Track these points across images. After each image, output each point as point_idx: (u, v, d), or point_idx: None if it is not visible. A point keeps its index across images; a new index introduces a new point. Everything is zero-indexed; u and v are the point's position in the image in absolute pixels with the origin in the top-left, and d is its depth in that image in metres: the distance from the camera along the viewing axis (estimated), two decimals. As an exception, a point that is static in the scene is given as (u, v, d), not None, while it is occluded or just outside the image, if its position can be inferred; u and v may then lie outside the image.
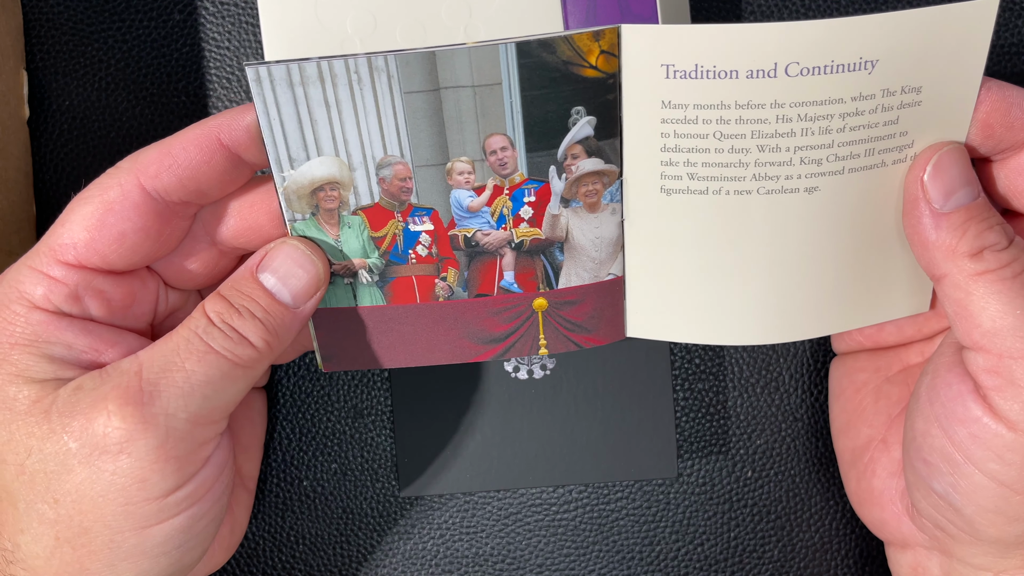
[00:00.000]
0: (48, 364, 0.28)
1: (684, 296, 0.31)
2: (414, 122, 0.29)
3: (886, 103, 0.28)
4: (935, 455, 0.29)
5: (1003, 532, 0.28)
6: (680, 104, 0.28)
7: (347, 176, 0.29)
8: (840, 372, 0.36)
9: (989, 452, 0.27)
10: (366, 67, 0.28)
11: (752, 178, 0.29)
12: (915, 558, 0.32)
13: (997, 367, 0.27)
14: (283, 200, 0.29)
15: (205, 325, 0.28)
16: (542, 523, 0.38)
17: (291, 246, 0.30)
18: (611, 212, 0.31)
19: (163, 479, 0.27)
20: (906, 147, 0.29)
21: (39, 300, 0.28)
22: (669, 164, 0.29)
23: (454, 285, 0.31)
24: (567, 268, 0.31)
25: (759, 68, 0.27)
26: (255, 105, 0.28)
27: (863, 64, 0.27)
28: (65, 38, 0.38)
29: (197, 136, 0.28)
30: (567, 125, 0.29)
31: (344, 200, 0.30)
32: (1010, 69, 0.38)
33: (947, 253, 0.28)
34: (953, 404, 0.28)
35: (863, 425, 0.34)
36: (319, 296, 0.30)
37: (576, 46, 0.28)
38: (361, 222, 0.30)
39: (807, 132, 0.28)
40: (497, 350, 0.32)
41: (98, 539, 0.27)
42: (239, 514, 0.35)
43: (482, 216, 0.30)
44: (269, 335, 0.29)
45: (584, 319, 0.32)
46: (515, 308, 0.32)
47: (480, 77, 0.28)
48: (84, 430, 0.27)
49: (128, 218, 0.28)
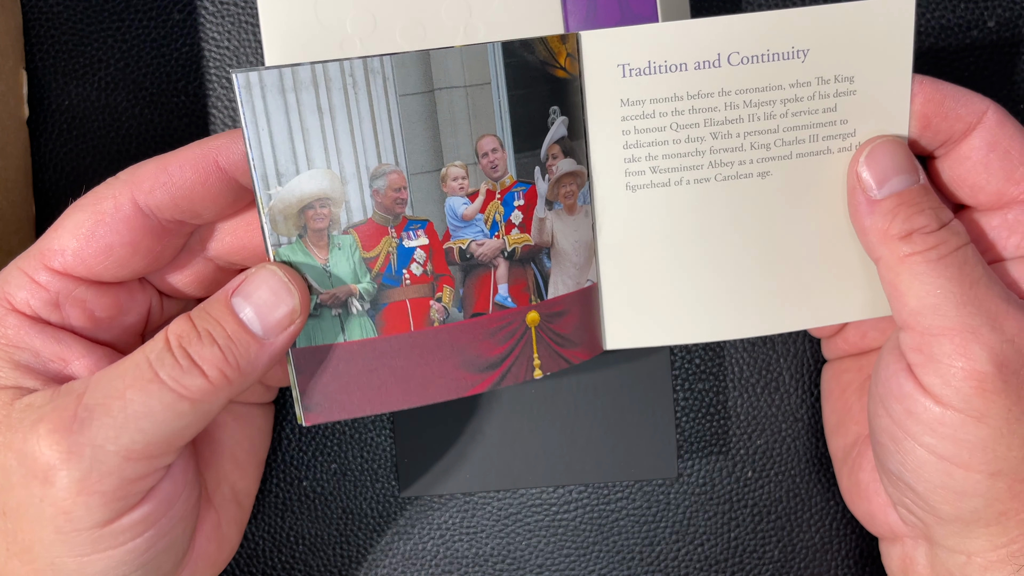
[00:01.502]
0: (12, 370, 0.27)
1: (657, 297, 0.32)
2: (409, 126, 0.28)
3: (822, 91, 0.30)
4: (884, 435, 0.30)
5: (957, 508, 0.29)
6: (637, 100, 0.30)
7: (339, 191, 0.28)
8: (829, 375, 0.37)
9: (923, 426, 0.28)
10: (362, 70, 0.27)
11: (709, 165, 0.30)
12: (903, 550, 0.33)
13: (920, 344, 0.28)
14: (267, 222, 0.28)
15: (160, 350, 0.26)
16: (542, 523, 0.38)
17: (269, 271, 0.28)
18: (585, 214, 0.31)
19: (88, 513, 0.26)
20: (849, 135, 0.31)
21: (19, 303, 0.28)
22: (632, 160, 0.30)
23: (449, 305, 0.30)
24: (554, 275, 0.31)
25: (705, 59, 0.30)
26: (243, 115, 0.27)
27: (795, 53, 0.30)
28: (65, 38, 0.38)
29: (195, 156, 0.28)
30: (547, 125, 0.29)
31: (335, 218, 0.28)
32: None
33: (880, 236, 0.29)
34: (890, 382, 0.29)
35: (851, 423, 0.35)
36: (293, 331, 0.28)
37: (550, 47, 0.29)
38: (352, 242, 0.29)
39: (753, 118, 0.30)
40: (493, 378, 0.31)
41: (40, 559, 0.26)
42: (229, 531, 0.33)
43: (476, 224, 0.30)
44: (227, 366, 0.27)
45: (570, 331, 0.32)
46: (509, 326, 0.31)
47: (471, 77, 0.28)
48: (21, 450, 0.26)
49: (117, 231, 0.28)
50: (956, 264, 0.28)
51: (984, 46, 0.38)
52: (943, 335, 0.28)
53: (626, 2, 0.33)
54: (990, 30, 0.38)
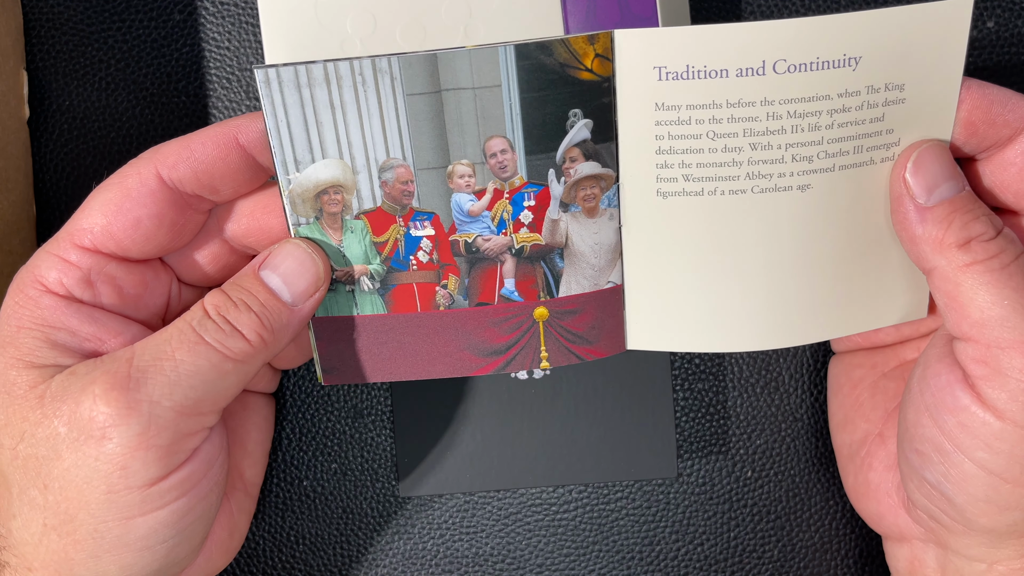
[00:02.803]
0: (50, 350, 0.28)
1: (683, 304, 0.31)
2: (416, 124, 0.29)
3: (871, 100, 0.28)
4: (926, 445, 0.29)
5: (995, 521, 0.28)
6: (673, 105, 0.28)
7: (350, 179, 0.30)
8: (838, 369, 0.36)
9: (978, 440, 0.28)
10: (370, 69, 0.28)
11: (746, 177, 0.29)
12: (912, 551, 0.32)
13: (985, 356, 0.27)
14: (288, 203, 0.30)
15: (200, 317, 0.28)
16: (542, 523, 0.39)
17: (293, 244, 0.30)
18: (609, 217, 0.31)
19: (145, 467, 0.27)
20: (892, 145, 0.29)
21: (52, 284, 0.29)
22: (664, 166, 0.29)
23: (455, 293, 0.31)
24: (567, 275, 0.31)
25: (748, 66, 0.27)
26: (263, 107, 0.28)
27: (847, 61, 0.27)
28: (65, 38, 0.38)
29: (216, 133, 0.29)
30: (565, 128, 0.29)
31: (347, 204, 0.30)
32: (1006, 62, 0.38)
33: (935, 246, 0.28)
34: (942, 393, 0.29)
35: (860, 420, 0.34)
36: (319, 296, 0.30)
37: (572, 49, 0.28)
38: (364, 226, 0.30)
39: (797, 129, 0.28)
40: (498, 363, 0.32)
41: (82, 527, 0.27)
42: (239, 519, 0.34)
43: (482, 221, 0.30)
44: (264, 330, 0.29)
45: (584, 330, 0.32)
46: (516, 318, 0.32)
47: (480, 79, 0.28)
48: (72, 414, 0.27)
49: (144, 204, 0.29)
50: (1021, 273, 0.27)
51: (984, 46, 0.38)
52: (1013, 348, 0.27)
53: (626, 2, 0.33)
54: (990, 30, 0.38)
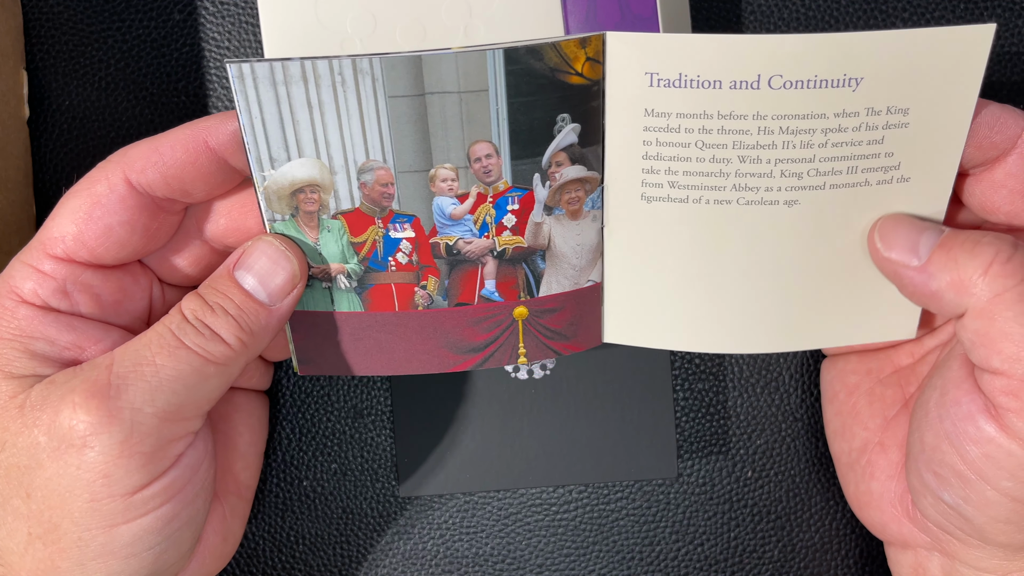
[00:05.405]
0: (29, 360, 0.28)
1: (660, 303, 0.31)
2: (398, 127, 0.28)
3: (871, 122, 0.27)
4: (946, 469, 0.29)
5: (1013, 539, 0.28)
6: (663, 112, 0.28)
7: (328, 179, 0.29)
8: (831, 375, 0.36)
9: (1003, 471, 0.27)
10: (350, 69, 0.27)
11: (732, 188, 0.29)
12: (916, 558, 0.32)
13: (1017, 390, 0.27)
14: (262, 200, 0.29)
15: (179, 321, 0.28)
16: (542, 523, 0.39)
17: (266, 242, 0.29)
18: (592, 219, 0.30)
19: (128, 475, 0.27)
20: (892, 168, 0.28)
21: (27, 294, 0.28)
22: (650, 172, 0.29)
23: (434, 294, 0.31)
24: (548, 276, 0.31)
25: (742, 79, 0.27)
26: (237, 103, 0.28)
27: (847, 81, 0.27)
28: (65, 38, 0.38)
29: (185, 136, 0.28)
30: (552, 133, 0.29)
31: (324, 203, 0.29)
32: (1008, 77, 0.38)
33: (957, 289, 0.27)
34: (965, 423, 0.28)
35: (858, 428, 0.34)
36: (296, 294, 0.30)
37: (563, 53, 0.28)
38: (341, 227, 0.30)
39: (788, 145, 0.28)
40: (476, 360, 0.32)
41: (67, 536, 0.27)
42: (233, 523, 0.34)
43: (464, 224, 0.30)
44: (243, 333, 0.28)
45: (563, 326, 0.32)
46: (495, 317, 0.31)
47: (466, 83, 0.28)
48: (52, 423, 0.26)
49: (114, 211, 0.28)
50: None
51: (984, 46, 0.38)
52: None
53: (626, 3, 0.33)
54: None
